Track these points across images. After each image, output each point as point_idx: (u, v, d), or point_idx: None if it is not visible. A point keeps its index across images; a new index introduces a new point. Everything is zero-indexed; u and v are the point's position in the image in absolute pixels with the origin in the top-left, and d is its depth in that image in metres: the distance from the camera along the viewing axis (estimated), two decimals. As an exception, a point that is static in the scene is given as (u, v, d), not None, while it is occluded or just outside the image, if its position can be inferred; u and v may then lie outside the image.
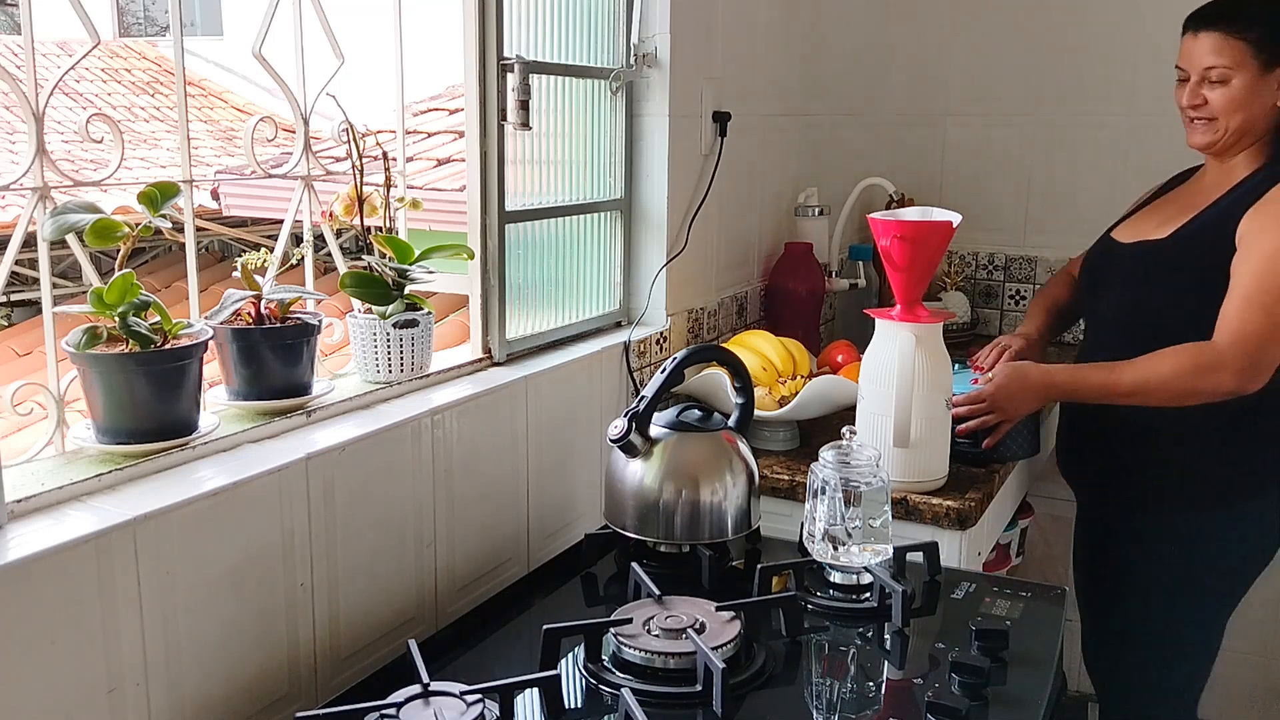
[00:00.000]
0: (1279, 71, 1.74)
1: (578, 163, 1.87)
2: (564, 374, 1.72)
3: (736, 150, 2.17)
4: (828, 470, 1.43)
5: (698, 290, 2.13)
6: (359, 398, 1.43)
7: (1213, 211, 1.78)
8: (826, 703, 1.23)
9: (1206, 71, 1.77)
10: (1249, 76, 1.74)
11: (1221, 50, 1.74)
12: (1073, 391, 1.80)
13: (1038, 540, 2.58)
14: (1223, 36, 1.74)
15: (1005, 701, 1.19)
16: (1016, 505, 2.18)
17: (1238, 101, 1.75)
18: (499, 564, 1.59)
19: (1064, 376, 1.81)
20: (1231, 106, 1.76)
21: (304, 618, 1.26)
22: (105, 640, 1.03)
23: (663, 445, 1.52)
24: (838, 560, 1.43)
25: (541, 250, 1.80)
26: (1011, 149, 2.94)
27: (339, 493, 1.29)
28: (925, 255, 1.70)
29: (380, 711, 1.07)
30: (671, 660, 1.19)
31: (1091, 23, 2.80)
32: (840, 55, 2.71)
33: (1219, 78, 1.76)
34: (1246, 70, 1.74)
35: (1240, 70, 1.74)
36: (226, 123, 7.19)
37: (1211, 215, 1.78)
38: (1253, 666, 2.87)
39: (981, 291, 3.02)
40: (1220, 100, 1.76)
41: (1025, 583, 1.51)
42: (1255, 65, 1.74)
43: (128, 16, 10.20)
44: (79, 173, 1.20)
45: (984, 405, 1.81)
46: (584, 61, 1.84)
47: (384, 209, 1.50)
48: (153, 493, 1.10)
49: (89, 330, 1.15)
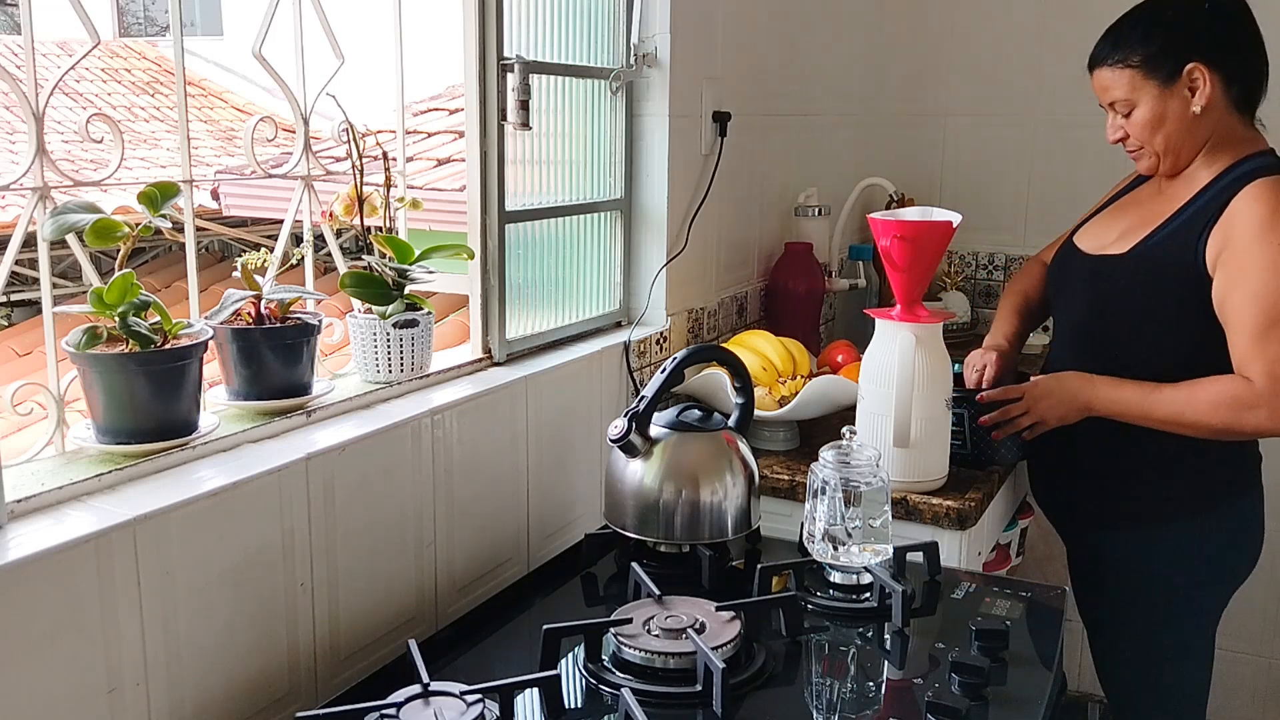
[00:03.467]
0: (1180, 83, 1.69)
1: (578, 163, 1.87)
2: (564, 374, 1.72)
3: (736, 150, 2.17)
4: (828, 470, 1.43)
5: (698, 290, 2.13)
6: (359, 398, 1.43)
7: (1168, 230, 1.74)
8: (826, 703, 1.23)
9: (1113, 105, 1.76)
10: (1151, 98, 1.71)
11: (1115, 83, 1.73)
12: (1110, 410, 1.75)
13: (1038, 540, 2.58)
14: (1110, 70, 1.73)
15: (1005, 701, 1.20)
16: (1016, 505, 2.18)
17: (1151, 124, 1.72)
18: (499, 564, 1.59)
19: (1104, 390, 1.76)
20: (1147, 131, 1.73)
21: (304, 618, 1.26)
22: (105, 640, 1.03)
23: (663, 445, 1.52)
24: (838, 560, 1.43)
25: (541, 250, 1.80)
26: (1011, 149, 2.94)
27: (339, 493, 1.29)
28: (925, 255, 1.70)
29: (380, 711, 1.07)
30: (671, 660, 1.19)
31: (1091, 23, 2.79)
32: (840, 55, 2.72)
33: (1124, 109, 1.74)
34: (1145, 93, 1.71)
35: (1139, 94, 1.71)
36: (226, 123, 7.19)
37: (1167, 234, 1.74)
38: (1253, 666, 2.87)
39: (981, 291, 3.02)
40: (1136, 129, 1.74)
41: (1025, 583, 1.51)
42: (1153, 85, 1.70)
43: (128, 16, 10.20)
44: (79, 173, 1.20)
45: (1019, 403, 1.79)
46: (584, 61, 1.84)
47: (384, 209, 1.50)
48: (153, 493, 1.10)
49: (89, 330, 1.15)
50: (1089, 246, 1.87)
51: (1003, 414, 1.81)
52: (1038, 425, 1.80)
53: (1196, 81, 1.69)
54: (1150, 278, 1.75)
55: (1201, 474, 1.80)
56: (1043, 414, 1.79)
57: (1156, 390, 1.71)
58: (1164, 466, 1.79)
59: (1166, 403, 1.70)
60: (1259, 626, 2.82)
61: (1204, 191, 1.73)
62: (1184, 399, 1.69)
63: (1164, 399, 1.70)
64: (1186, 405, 1.68)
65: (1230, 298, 1.65)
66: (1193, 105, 1.70)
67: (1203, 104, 1.69)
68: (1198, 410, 1.67)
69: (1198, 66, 1.68)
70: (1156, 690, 1.90)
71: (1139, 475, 1.82)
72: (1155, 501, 1.82)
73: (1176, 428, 1.71)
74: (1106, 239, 1.85)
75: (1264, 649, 2.86)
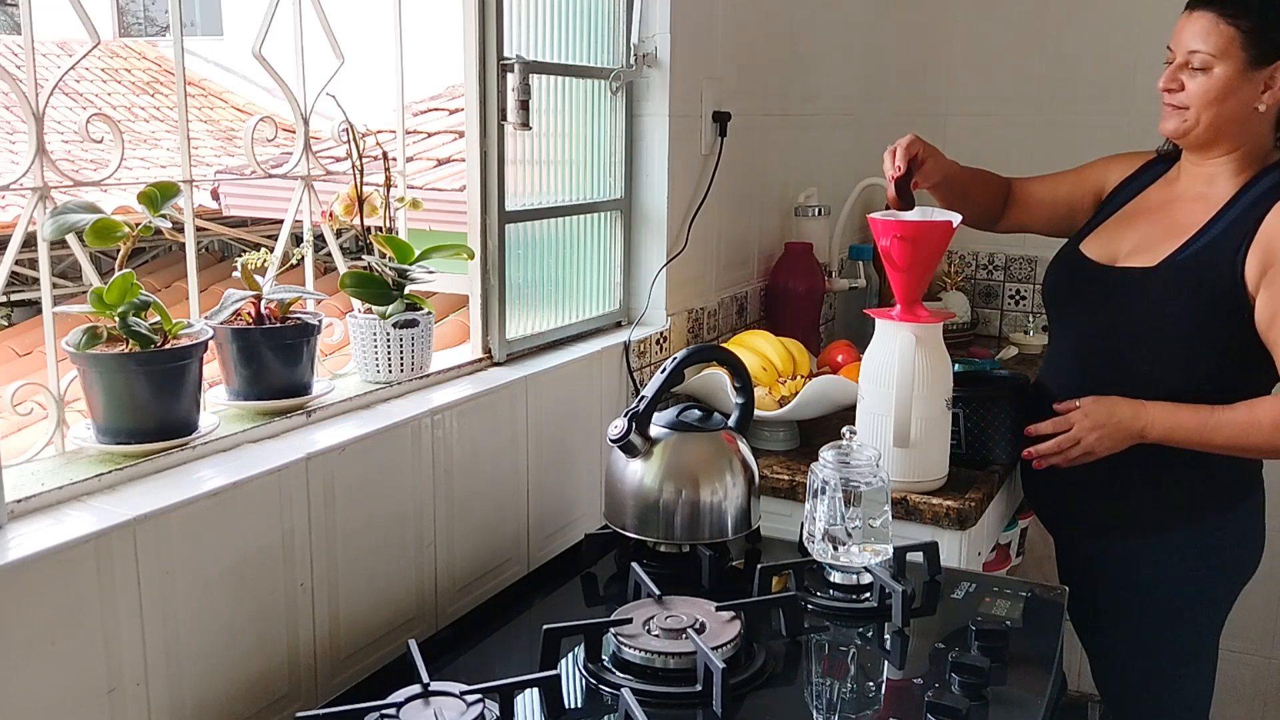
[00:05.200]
0: (1265, 72, 1.63)
1: (578, 163, 1.87)
2: (564, 374, 1.72)
3: (736, 150, 2.17)
4: (828, 470, 1.43)
5: (698, 290, 2.13)
6: (359, 398, 1.43)
7: (1201, 243, 1.69)
8: (826, 703, 1.23)
9: (1190, 55, 1.65)
10: (1232, 69, 1.62)
11: (1210, 34, 1.63)
12: (1166, 438, 1.70)
13: (1038, 540, 2.57)
14: (1215, 19, 1.63)
15: (1005, 701, 1.20)
16: (1016, 505, 2.18)
17: (1214, 94, 1.64)
18: (499, 564, 1.59)
19: (1160, 419, 1.69)
20: (1207, 98, 1.64)
21: (304, 618, 1.26)
22: (105, 640, 1.03)
23: (663, 445, 1.52)
24: (838, 560, 1.43)
25: (541, 250, 1.80)
26: (1011, 149, 2.94)
27: (339, 493, 1.29)
28: (925, 255, 1.70)
29: (380, 711, 1.07)
30: (671, 660, 1.19)
31: (1091, 22, 2.80)
32: (840, 55, 2.71)
33: (1201, 64, 1.64)
34: (1231, 61, 1.62)
35: (1224, 60, 1.62)
36: (226, 123, 7.19)
37: (1201, 247, 1.69)
38: (1253, 666, 2.87)
39: (981, 291, 3.02)
40: (1197, 90, 1.65)
41: (1025, 583, 1.51)
42: (1241, 58, 1.61)
43: (128, 16, 10.20)
44: (79, 173, 1.20)
45: (1070, 438, 1.75)
46: (584, 61, 1.84)
47: (384, 209, 1.50)
48: (153, 493, 1.10)
49: (89, 330, 1.15)
50: (1100, 256, 1.82)
51: (1056, 445, 1.76)
52: (1086, 456, 1.76)
53: (1276, 79, 1.64)
54: (1184, 293, 1.69)
55: (1202, 482, 1.78)
56: (1092, 445, 1.74)
57: (1214, 415, 1.66)
58: (1163, 474, 1.77)
59: (1228, 427, 1.65)
60: (1259, 626, 2.82)
61: (1233, 203, 1.69)
62: (1245, 423, 1.64)
63: (1224, 424, 1.65)
64: (1250, 429, 1.64)
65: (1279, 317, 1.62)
66: (1260, 101, 1.65)
67: (1268, 104, 1.65)
68: (1262, 432, 1.63)
69: None
70: (1157, 699, 1.88)
71: (1138, 483, 1.80)
72: (1154, 509, 1.80)
73: (1238, 451, 1.68)
74: (1121, 249, 1.80)
75: (1264, 649, 2.86)
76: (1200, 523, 1.80)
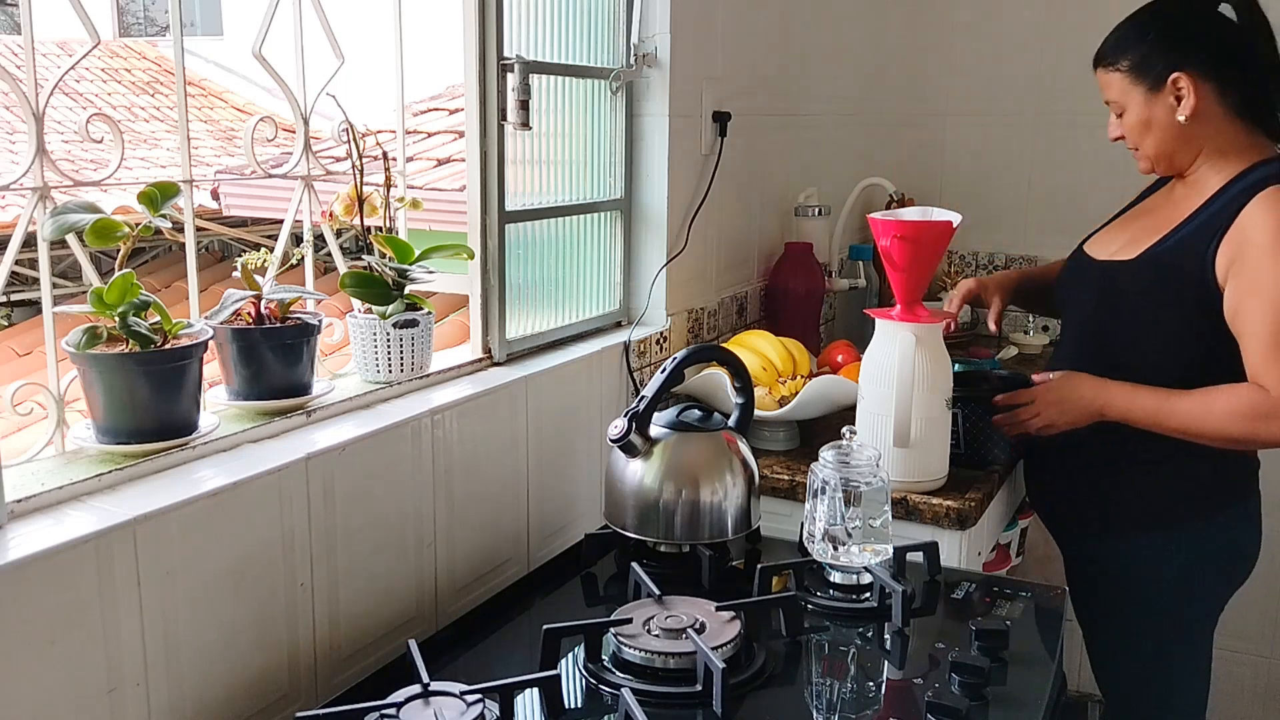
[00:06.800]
0: (1165, 90, 1.70)
1: (578, 163, 1.87)
2: (564, 374, 1.72)
3: (736, 150, 2.17)
4: (828, 470, 1.43)
5: (698, 290, 2.13)
6: (359, 398, 1.43)
7: (1178, 236, 1.74)
8: (826, 703, 1.23)
9: (1111, 106, 1.79)
10: (1139, 103, 1.73)
11: (1109, 86, 1.77)
12: (1124, 415, 1.74)
13: (1038, 540, 2.57)
14: (1104, 72, 1.77)
15: (1005, 701, 1.20)
16: (1016, 505, 2.18)
17: (1139, 129, 1.75)
18: (499, 564, 1.60)
19: (1118, 397, 1.74)
20: (1137, 134, 1.76)
21: (304, 618, 1.26)
22: (105, 640, 1.03)
23: (663, 445, 1.52)
24: (838, 560, 1.43)
25: (541, 250, 1.80)
26: (1011, 149, 2.95)
27: (339, 493, 1.29)
28: (925, 255, 1.70)
29: (380, 711, 1.07)
30: (671, 660, 1.19)
31: (1091, 22, 2.79)
32: (840, 55, 2.71)
33: (1118, 110, 1.77)
34: (1134, 98, 1.73)
35: (1128, 100, 1.74)
36: (226, 123, 7.19)
37: (1176, 241, 1.73)
38: (1253, 667, 2.87)
39: (981, 291, 3.01)
40: (1130, 132, 1.77)
41: (1025, 583, 1.51)
42: (1139, 91, 1.72)
43: (128, 16, 10.20)
44: (79, 173, 1.20)
45: (1029, 406, 1.79)
46: (584, 61, 1.84)
47: (384, 209, 1.50)
48: (153, 493, 1.10)
49: (89, 330, 1.15)
50: (1098, 253, 1.87)
51: (1011, 417, 1.81)
52: (1047, 428, 1.79)
53: (1181, 91, 1.69)
54: (1158, 283, 1.74)
55: (1198, 480, 1.79)
56: (1053, 418, 1.78)
57: (1171, 398, 1.69)
58: (1161, 472, 1.79)
59: (1182, 411, 1.68)
60: (1259, 626, 2.82)
61: (1214, 199, 1.72)
62: (1200, 407, 1.67)
63: (1179, 407, 1.68)
64: (1203, 414, 1.67)
65: (1244, 307, 1.64)
66: (1177, 114, 1.71)
67: (1187, 113, 1.70)
68: (1214, 419, 1.66)
69: (1183, 76, 1.68)
70: (1155, 695, 1.89)
71: (1136, 480, 1.82)
72: (1152, 507, 1.81)
73: (1191, 436, 1.69)
74: (1115, 245, 1.85)
75: (1264, 649, 2.86)
76: (1201, 521, 1.81)
